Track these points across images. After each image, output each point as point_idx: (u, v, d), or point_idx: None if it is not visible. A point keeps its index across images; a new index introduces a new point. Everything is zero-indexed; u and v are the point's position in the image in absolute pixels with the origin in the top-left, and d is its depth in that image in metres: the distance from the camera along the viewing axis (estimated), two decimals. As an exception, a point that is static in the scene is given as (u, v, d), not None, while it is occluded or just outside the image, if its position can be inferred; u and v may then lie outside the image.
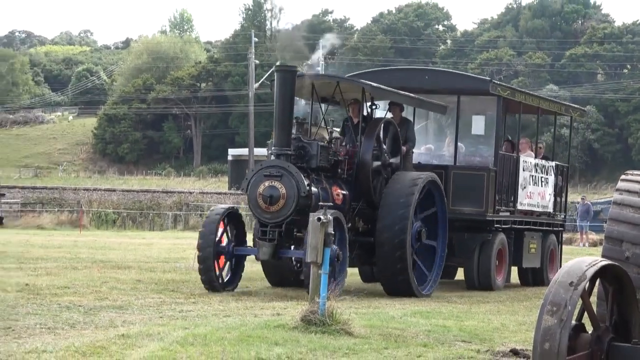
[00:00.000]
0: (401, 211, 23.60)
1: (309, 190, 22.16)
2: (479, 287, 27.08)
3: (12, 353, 13.39)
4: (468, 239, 27.35)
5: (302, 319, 16.91)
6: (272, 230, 22.14)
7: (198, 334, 15.88)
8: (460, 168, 27.77)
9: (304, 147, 22.90)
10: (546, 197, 30.72)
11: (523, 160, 29.20)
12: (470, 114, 29.60)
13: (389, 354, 15.06)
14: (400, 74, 31.24)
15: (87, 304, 19.44)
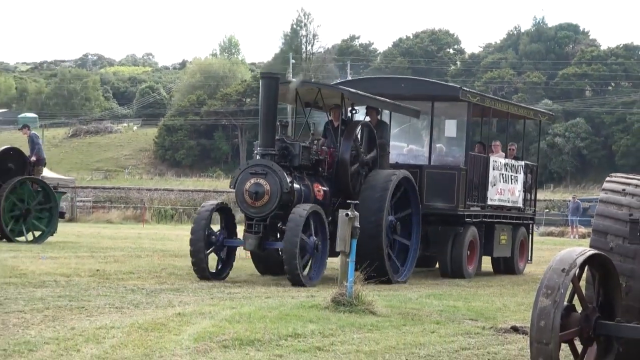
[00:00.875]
0: (377, 205, 23.02)
1: (291, 187, 21.68)
2: (451, 276, 26.40)
3: (86, 329, 13.42)
4: (442, 231, 26.63)
5: (332, 300, 16.94)
6: (257, 223, 21.65)
7: (243, 312, 15.89)
8: (433, 167, 27.07)
9: (287, 148, 22.33)
10: (516, 193, 30.00)
11: (493, 160, 28.44)
12: (444, 118, 29.24)
13: (406, 330, 15.07)
14: (380, 82, 30.66)
15: (149, 287, 19.47)
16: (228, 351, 12.23)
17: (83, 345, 12.15)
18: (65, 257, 24.00)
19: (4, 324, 13.57)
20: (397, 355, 12.58)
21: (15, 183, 31.48)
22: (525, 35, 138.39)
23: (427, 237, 26.46)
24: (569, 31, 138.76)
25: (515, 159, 30.62)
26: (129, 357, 11.40)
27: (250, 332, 13.72)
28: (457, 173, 26.43)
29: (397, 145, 29.27)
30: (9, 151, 32.68)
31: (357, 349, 12.90)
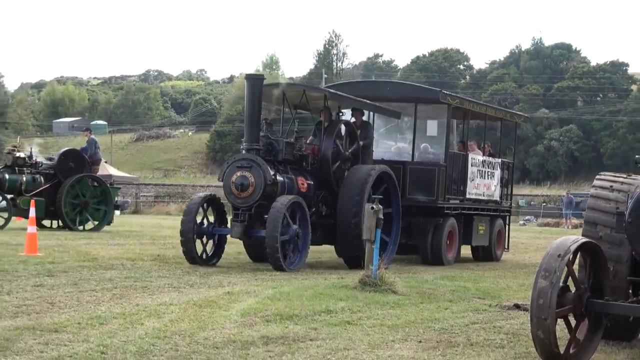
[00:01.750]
0: (357, 197, 21.87)
1: (275, 179, 20.63)
2: (431, 263, 25.09)
3: (148, 305, 13.45)
4: (423, 222, 25.35)
5: (360, 281, 16.95)
6: (243, 213, 20.60)
7: (283, 291, 15.91)
8: (415, 164, 25.86)
9: (271, 143, 21.35)
10: (492, 187, 28.69)
11: (471, 157, 27.30)
12: (426, 118, 27.84)
13: (423, 307, 15.05)
14: (368, 85, 29.30)
15: (202, 270, 19.46)
16: (270, 325, 12.25)
17: (146, 319, 12.20)
18: (131, 244, 24.06)
19: (79, 301, 13.63)
20: (416, 329, 12.57)
21: (75, 179, 32.42)
22: (525, 54, 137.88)
23: (410, 227, 25.39)
24: (563, 50, 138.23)
25: (490, 156, 29.44)
26: (185, 330, 11.42)
27: (289, 309, 13.75)
28: (437, 169, 25.44)
29: (385, 143, 28.50)
30: (70, 152, 33.67)
31: (381, 323, 12.91)
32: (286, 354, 10.14)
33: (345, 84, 27.82)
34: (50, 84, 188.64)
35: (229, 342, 10.75)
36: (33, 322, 11.44)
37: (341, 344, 11.02)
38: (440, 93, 26.21)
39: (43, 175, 32.50)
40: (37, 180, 32.10)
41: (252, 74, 20.72)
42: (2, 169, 32.65)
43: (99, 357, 9.42)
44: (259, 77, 20.70)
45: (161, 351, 9.96)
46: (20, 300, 13.37)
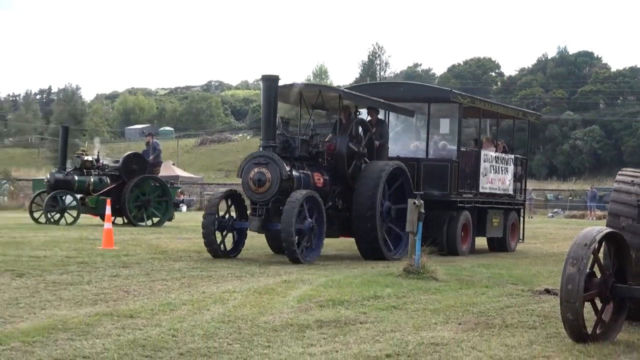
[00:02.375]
0: (372, 192, 21.00)
1: (290, 175, 19.73)
2: (447, 253, 23.76)
3: (213, 293, 13.48)
4: (438, 215, 23.94)
5: (404, 270, 16.93)
6: (260, 207, 19.69)
7: (335, 279, 15.91)
8: (429, 160, 24.78)
9: (287, 141, 20.45)
10: (506, 182, 27.47)
11: (484, 153, 26.12)
12: (439, 117, 26.82)
13: (462, 292, 14.99)
14: (385, 86, 28.09)
15: (261, 261, 19.53)
16: (323, 309, 12.25)
17: (212, 305, 12.23)
18: (197, 238, 24.06)
19: (151, 290, 13.69)
20: (455, 312, 12.53)
21: (138, 180, 33.22)
22: (551, 61, 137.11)
23: (426, 220, 24.73)
24: (585, 57, 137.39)
25: (504, 152, 28.21)
26: (247, 314, 11.44)
27: (340, 295, 13.74)
28: (449, 165, 24.37)
29: (404, 141, 27.20)
30: (133, 155, 34.36)
31: (424, 307, 12.87)
32: (338, 336, 10.14)
33: (364, 85, 26.74)
34: (122, 95, 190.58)
35: (287, 325, 10.76)
36: (110, 309, 11.51)
37: (388, 326, 11.00)
38: (450, 93, 25.38)
39: (109, 176, 33.37)
40: (103, 181, 32.93)
41: (268, 75, 19.80)
42: (72, 171, 33.39)
43: (170, 340, 9.46)
44: (274, 78, 19.78)
45: (226, 334, 9.99)
46: (99, 289, 13.47)
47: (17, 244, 21.75)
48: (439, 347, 9.65)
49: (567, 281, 9.91)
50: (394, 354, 9.19)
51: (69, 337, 9.40)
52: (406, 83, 26.76)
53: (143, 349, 8.95)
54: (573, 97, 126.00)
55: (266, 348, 9.27)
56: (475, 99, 26.87)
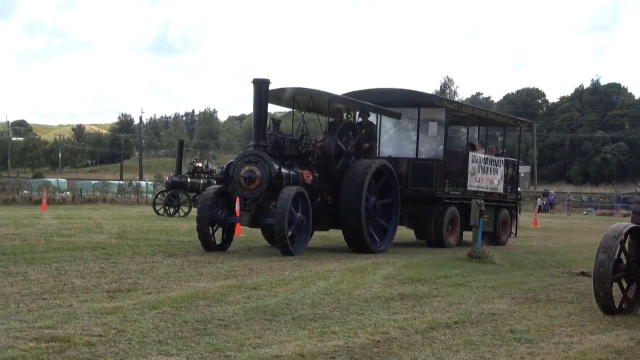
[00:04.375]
0: (357, 188, 18.28)
1: (279, 172, 17.21)
2: (434, 245, 21.45)
3: (318, 271, 13.55)
4: (427, 210, 21.51)
5: (468, 255, 16.95)
6: (250, 203, 17.16)
7: (413, 262, 15.94)
8: (416, 160, 21.82)
9: (277, 141, 17.85)
10: (495, 182, 24.24)
11: (472, 155, 23.03)
12: (428, 121, 23.00)
13: (514, 273, 14.87)
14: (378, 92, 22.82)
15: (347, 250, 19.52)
16: (404, 285, 12.22)
17: (317, 280, 12.27)
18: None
19: (270, 268, 13.78)
20: (509, 289, 12.40)
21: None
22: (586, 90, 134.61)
23: (415, 214, 21.76)
24: (614, 87, 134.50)
25: (496, 156, 24.96)
26: (344, 288, 11.45)
27: (417, 274, 13.72)
28: (435, 164, 21.50)
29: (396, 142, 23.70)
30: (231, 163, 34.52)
31: (484, 285, 12.77)
32: (416, 306, 10.11)
33: (360, 91, 22.76)
34: (248, 117, 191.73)
35: (375, 297, 10.76)
36: (239, 282, 11.62)
37: (455, 299, 10.94)
38: (435, 97, 22.69)
39: (216, 179, 33.63)
40: (211, 183, 33.29)
41: (258, 79, 17.19)
42: (186, 174, 34.43)
43: (285, 307, 9.51)
44: (265, 81, 17.23)
45: (328, 303, 10.01)
46: (230, 267, 13.60)
47: (167, 231, 22.10)
48: (495, 317, 9.58)
49: (599, 265, 9.82)
50: (460, 321, 9.15)
51: (207, 304, 9.51)
52: (397, 89, 23.36)
53: (264, 314, 9.01)
54: (604, 120, 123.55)
55: (359, 315, 9.27)
56: (462, 105, 24.44)
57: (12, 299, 9.25)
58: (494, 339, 8.21)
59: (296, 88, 18.59)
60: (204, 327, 8.09)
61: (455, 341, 7.98)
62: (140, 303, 9.30)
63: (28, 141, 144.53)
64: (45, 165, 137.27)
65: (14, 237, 18.52)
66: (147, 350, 6.98)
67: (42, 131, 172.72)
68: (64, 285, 10.55)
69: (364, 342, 7.72)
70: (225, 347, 7.21)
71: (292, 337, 7.76)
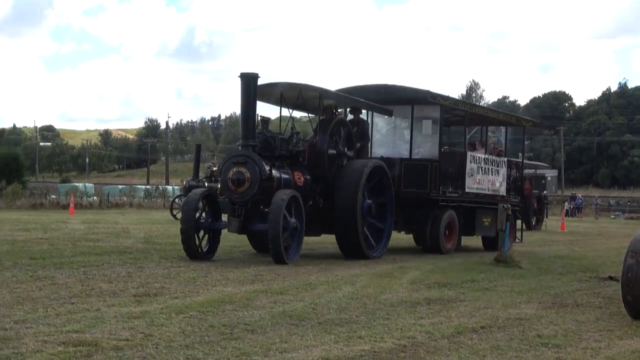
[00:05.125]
0: (352, 191, 16.96)
1: (270, 174, 15.81)
2: (430, 251, 19.91)
3: (344, 275, 13.54)
4: (422, 213, 20.03)
5: (495, 259, 16.87)
6: (239, 207, 15.72)
7: (439, 266, 15.93)
8: (409, 160, 20.28)
9: (267, 140, 16.42)
10: (496, 183, 22.53)
11: (471, 155, 21.41)
12: (422, 119, 21.26)
13: (541, 277, 14.79)
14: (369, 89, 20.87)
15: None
16: (431, 290, 12.19)
17: (343, 285, 12.27)
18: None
19: (296, 272, 13.78)
20: (536, 293, 12.34)
21: None
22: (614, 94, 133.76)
23: (408, 218, 20.24)
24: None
25: (498, 156, 23.20)
26: (370, 293, 11.45)
27: (444, 278, 13.69)
28: (429, 164, 19.94)
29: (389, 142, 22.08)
30: None
31: (511, 289, 12.71)
32: (443, 311, 10.08)
33: (349, 88, 21.15)
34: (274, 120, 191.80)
35: (402, 302, 10.74)
36: (265, 287, 11.64)
37: (482, 304, 10.90)
38: (428, 93, 20.32)
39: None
40: None
41: (246, 73, 15.93)
42: (203, 178, 34.52)
43: (311, 312, 9.52)
44: (253, 76, 15.97)
45: (354, 308, 10.00)
46: (257, 272, 13.62)
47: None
48: (523, 321, 9.54)
49: (627, 270, 9.73)
50: (487, 326, 9.11)
51: (234, 308, 9.53)
52: (388, 85, 21.35)
53: (290, 318, 9.02)
54: (631, 123, 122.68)
55: (386, 319, 9.26)
56: (459, 101, 22.36)
57: (41, 303, 9.32)
58: (521, 344, 8.17)
59: (285, 83, 17.51)
60: (230, 331, 8.11)
61: (482, 346, 7.95)
62: (167, 307, 9.34)
63: (56, 146, 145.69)
64: (73, 170, 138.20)
65: (42, 241, 18.67)
66: (173, 354, 7.01)
67: (69, 136, 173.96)
68: (92, 290, 10.62)
69: (391, 347, 7.72)
70: (251, 352, 7.22)
71: (318, 342, 7.77)
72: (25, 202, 44.05)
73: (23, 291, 10.27)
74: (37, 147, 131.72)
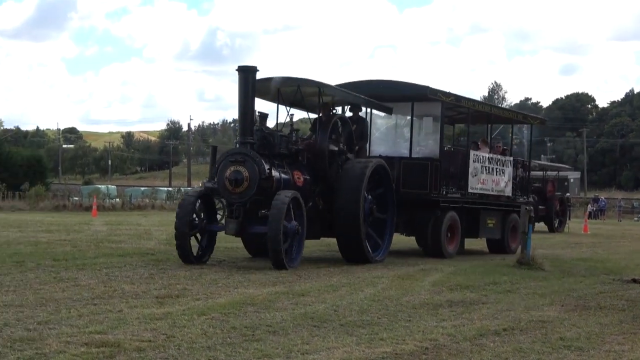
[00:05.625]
0: (354, 191, 15.97)
1: (270, 173, 14.87)
2: (431, 255, 18.90)
3: (366, 277, 13.54)
4: (423, 215, 18.95)
5: (517, 261, 16.84)
6: (237, 209, 14.78)
7: (461, 268, 15.89)
8: (408, 159, 19.26)
9: (266, 137, 15.47)
10: (501, 183, 21.40)
11: (474, 154, 20.34)
12: (422, 116, 20.49)
13: (564, 280, 14.71)
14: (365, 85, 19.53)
15: (404, 252, 19.41)
16: (453, 292, 12.16)
17: (364, 287, 12.27)
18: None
19: (318, 274, 13.80)
20: (559, 296, 12.29)
21: None
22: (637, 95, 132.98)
23: (408, 220, 19.06)
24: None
25: (503, 155, 22.19)
26: (392, 295, 11.43)
27: (466, 280, 13.67)
28: (429, 164, 18.93)
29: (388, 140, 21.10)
30: None
31: (533, 292, 12.66)
32: (464, 313, 10.05)
33: (345, 84, 19.71)
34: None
35: (424, 304, 10.72)
36: (287, 289, 11.65)
37: (504, 306, 10.87)
38: (428, 89, 19.08)
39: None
40: None
41: (244, 66, 15.06)
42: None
43: (332, 314, 9.51)
44: (252, 69, 15.04)
45: (376, 310, 9.99)
46: (278, 273, 13.63)
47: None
48: (545, 324, 9.50)
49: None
50: (509, 328, 9.08)
51: (255, 310, 9.55)
52: (386, 81, 20.13)
53: (312, 320, 9.02)
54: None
55: (407, 322, 9.25)
56: (461, 98, 20.59)
57: (64, 304, 9.37)
58: (543, 346, 8.14)
59: (283, 77, 16.36)
60: (252, 333, 8.12)
61: (505, 348, 7.93)
62: (189, 309, 9.36)
63: (78, 148, 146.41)
64: (95, 172, 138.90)
65: (65, 243, 18.79)
66: (196, 356, 7.03)
67: (92, 138, 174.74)
68: (114, 291, 10.66)
69: (412, 349, 7.70)
70: (273, 354, 7.23)
71: (340, 344, 7.76)
72: (48, 203, 44.34)
73: (46, 292, 10.33)
74: (60, 149, 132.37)
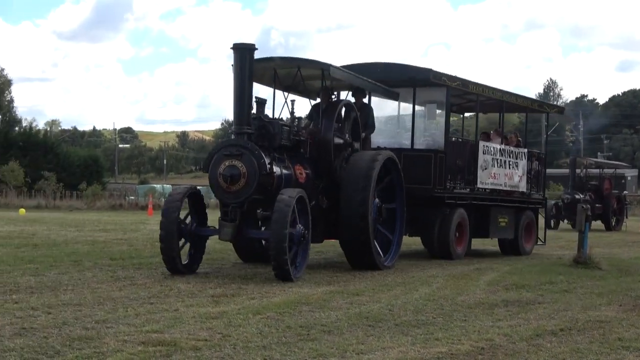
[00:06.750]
0: (362, 187, 14.02)
1: (270, 169, 12.80)
2: (439, 257, 17.33)
3: (420, 277, 13.49)
4: (429, 214, 17.34)
5: (574, 260, 16.63)
6: (233, 210, 12.61)
7: (517, 267, 15.88)
8: (410, 151, 17.45)
9: (265, 126, 13.27)
10: (515, 178, 19.66)
11: (483, 145, 18.56)
12: (425, 103, 18.68)
13: (622, 279, 14.52)
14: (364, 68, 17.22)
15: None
16: (509, 292, 12.06)
17: (419, 286, 12.23)
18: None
19: (372, 274, 13.78)
20: (617, 296, 12.11)
21: None
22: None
23: (412, 219, 16.82)
24: None
25: (517, 147, 20.23)
26: (447, 294, 11.37)
27: (522, 280, 13.56)
28: (433, 156, 17.24)
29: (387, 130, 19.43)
30: None
31: (590, 291, 12.51)
32: (521, 313, 9.96)
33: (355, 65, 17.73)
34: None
35: (479, 303, 10.65)
36: (341, 288, 11.65)
37: (561, 306, 10.75)
38: (432, 73, 17.30)
39: None
40: None
41: (240, 43, 12.88)
42: None
43: (387, 313, 9.49)
44: (250, 47, 12.88)
45: (431, 309, 9.95)
46: (332, 273, 13.64)
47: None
48: (603, 324, 9.37)
49: None
50: (566, 328, 8.98)
51: (310, 309, 9.56)
52: (387, 63, 17.94)
53: (366, 319, 9.01)
54: None
55: (463, 321, 9.19)
56: (469, 82, 18.52)
57: (121, 303, 9.47)
58: (601, 347, 8.03)
59: (281, 57, 14.54)
60: (307, 332, 8.13)
61: (562, 349, 7.84)
62: (244, 308, 9.41)
63: (134, 148, 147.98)
64: (151, 171, 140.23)
65: (121, 242, 19.01)
66: (251, 355, 7.06)
67: (147, 138, 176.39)
68: (170, 290, 10.75)
69: (468, 349, 7.65)
70: (328, 353, 7.23)
71: (395, 344, 7.74)
72: (105, 203, 44.96)
73: (104, 291, 10.45)
74: (116, 149, 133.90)
